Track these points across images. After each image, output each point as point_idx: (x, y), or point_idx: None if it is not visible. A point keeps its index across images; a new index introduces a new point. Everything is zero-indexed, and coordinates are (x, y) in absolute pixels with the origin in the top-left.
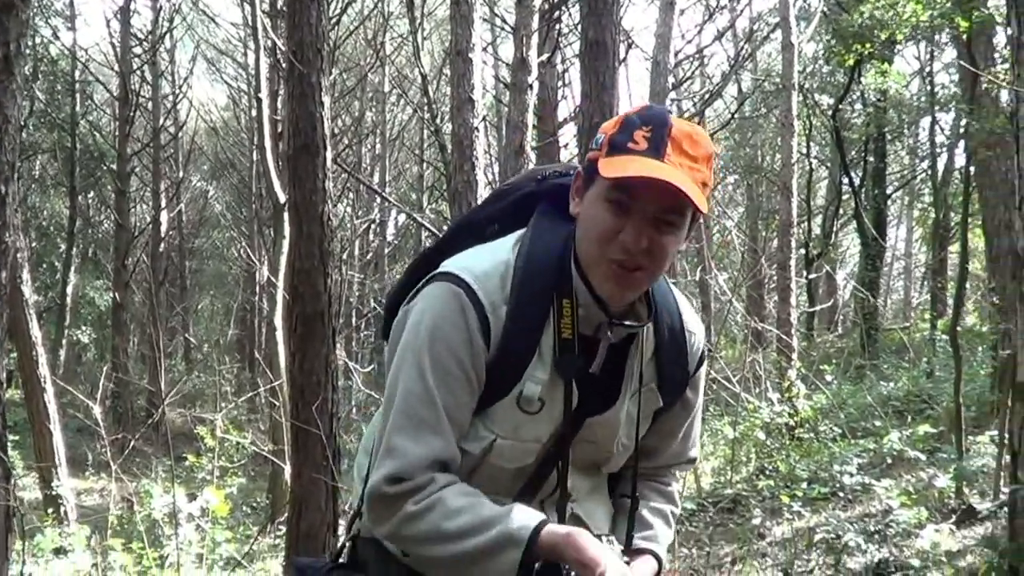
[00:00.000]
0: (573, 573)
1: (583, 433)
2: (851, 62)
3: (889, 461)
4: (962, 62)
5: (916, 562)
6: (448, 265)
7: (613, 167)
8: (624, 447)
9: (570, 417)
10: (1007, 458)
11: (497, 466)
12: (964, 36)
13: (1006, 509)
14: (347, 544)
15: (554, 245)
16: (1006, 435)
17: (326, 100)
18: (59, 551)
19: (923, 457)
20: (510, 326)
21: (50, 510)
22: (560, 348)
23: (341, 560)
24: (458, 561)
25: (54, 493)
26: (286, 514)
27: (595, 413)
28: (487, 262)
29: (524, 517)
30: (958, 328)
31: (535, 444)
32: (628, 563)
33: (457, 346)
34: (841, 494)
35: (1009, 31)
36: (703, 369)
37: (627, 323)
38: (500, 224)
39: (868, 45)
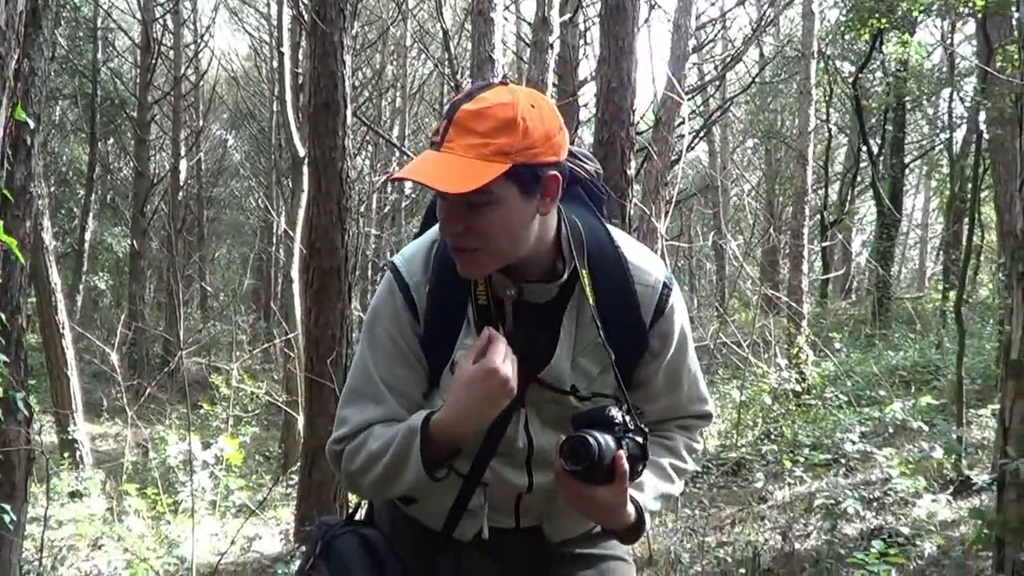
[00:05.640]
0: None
1: (536, 391)
2: (866, 36)
3: (891, 430)
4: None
5: (906, 529)
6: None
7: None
8: (586, 401)
9: None
10: None
11: None
12: (979, 14)
13: None
14: (361, 503)
15: None
16: None
17: (347, 59)
18: (75, 494)
19: (925, 428)
20: (432, 299)
21: (66, 454)
22: (478, 314)
23: (357, 517)
24: (388, 476)
25: (70, 438)
26: (298, 464)
27: (537, 370)
28: (417, 244)
29: (419, 414)
30: (968, 301)
31: None
32: None
33: (388, 324)
34: (843, 461)
35: (1018, 15)
36: (671, 315)
37: (528, 280)
38: None
39: (884, 20)
